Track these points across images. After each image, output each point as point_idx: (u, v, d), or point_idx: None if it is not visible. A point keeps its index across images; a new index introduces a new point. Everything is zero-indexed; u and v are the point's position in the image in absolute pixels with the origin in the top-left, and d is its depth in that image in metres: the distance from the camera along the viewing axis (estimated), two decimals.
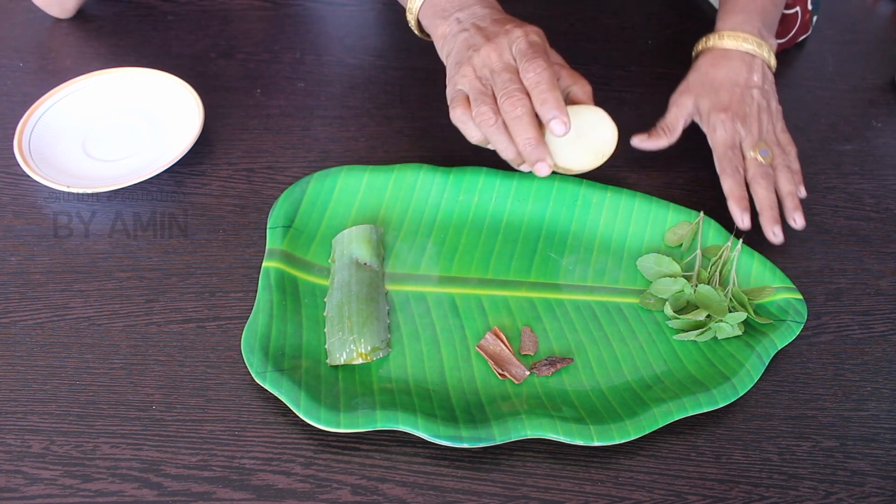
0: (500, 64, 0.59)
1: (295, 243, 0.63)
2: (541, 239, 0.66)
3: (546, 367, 0.57)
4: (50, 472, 0.52)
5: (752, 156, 0.68)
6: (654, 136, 0.72)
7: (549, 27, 0.62)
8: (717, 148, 0.69)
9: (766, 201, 0.66)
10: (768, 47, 0.71)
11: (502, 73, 0.58)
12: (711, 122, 0.70)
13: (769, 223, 0.66)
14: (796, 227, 0.67)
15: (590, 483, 0.53)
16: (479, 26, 0.61)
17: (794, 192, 0.68)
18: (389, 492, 0.52)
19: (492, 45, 0.59)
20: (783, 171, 0.68)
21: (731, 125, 0.69)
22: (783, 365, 0.60)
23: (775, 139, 0.70)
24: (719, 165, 0.69)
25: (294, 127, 0.75)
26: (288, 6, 0.89)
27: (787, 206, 0.67)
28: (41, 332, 0.59)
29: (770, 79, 0.72)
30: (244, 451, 0.53)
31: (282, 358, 0.56)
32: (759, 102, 0.70)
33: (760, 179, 0.67)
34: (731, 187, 0.67)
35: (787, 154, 0.70)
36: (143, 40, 0.83)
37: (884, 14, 0.94)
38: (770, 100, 0.71)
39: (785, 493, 0.53)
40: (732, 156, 0.68)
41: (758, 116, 0.70)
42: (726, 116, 0.69)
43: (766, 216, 0.66)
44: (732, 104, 0.69)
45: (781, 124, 0.72)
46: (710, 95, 0.70)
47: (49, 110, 0.72)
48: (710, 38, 0.73)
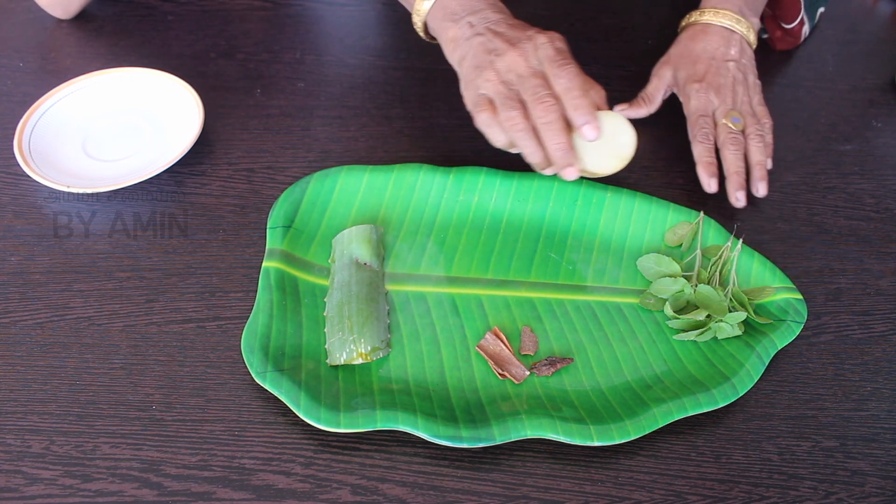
0: (528, 69, 0.59)
1: (295, 243, 0.63)
2: (541, 239, 0.66)
3: (546, 367, 0.57)
4: (50, 472, 0.52)
5: (724, 123, 0.70)
6: (635, 105, 0.75)
7: (549, 27, 0.62)
8: (690, 116, 0.72)
9: (733, 166, 0.69)
10: (748, 24, 0.74)
11: (531, 79, 0.59)
12: (686, 92, 0.73)
13: (734, 188, 0.69)
14: (759, 195, 0.70)
15: (590, 483, 0.53)
16: (495, 31, 0.61)
17: (764, 162, 0.70)
18: (389, 492, 0.52)
19: (517, 50, 0.60)
20: (755, 139, 0.70)
21: (705, 95, 0.71)
22: (783, 365, 0.60)
23: (750, 110, 0.72)
24: (691, 132, 0.72)
25: (294, 127, 0.75)
26: (288, 6, 0.89)
27: (754, 175, 0.70)
28: (41, 332, 0.59)
29: (749, 54, 0.74)
30: (244, 451, 0.53)
31: (282, 358, 0.56)
32: (734, 75, 0.72)
33: (730, 145, 0.70)
34: (700, 153, 0.70)
35: (762, 125, 0.72)
36: (143, 40, 0.83)
37: (884, 14, 0.94)
38: (747, 73, 0.74)
39: (785, 493, 0.53)
40: (704, 123, 0.71)
41: (732, 87, 0.72)
42: (700, 86, 0.72)
43: (731, 181, 0.69)
44: (708, 75, 0.72)
45: (759, 97, 0.74)
46: (687, 67, 0.73)
47: (49, 110, 0.72)
48: (693, 14, 0.76)
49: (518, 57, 0.59)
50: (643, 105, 0.75)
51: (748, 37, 0.74)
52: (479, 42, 0.61)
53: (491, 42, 0.61)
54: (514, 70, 0.59)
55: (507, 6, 0.65)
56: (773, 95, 0.83)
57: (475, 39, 0.62)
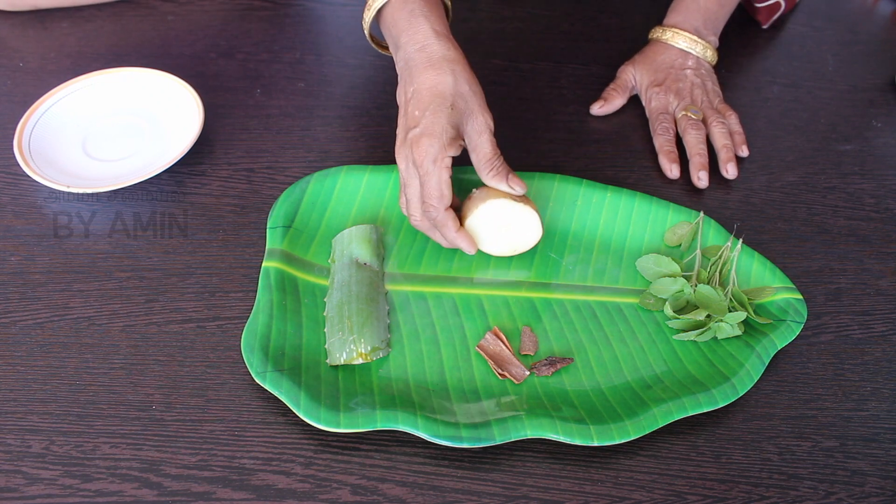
0: (408, 180, 0.60)
1: (295, 243, 0.63)
2: (541, 239, 0.66)
3: (546, 367, 0.57)
4: (50, 472, 0.52)
5: (683, 114, 0.75)
6: (610, 98, 0.79)
7: (549, 27, 0.62)
8: (651, 115, 0.77)
9: (694, 148, 0.73)
10: (704, 44, 0.78)
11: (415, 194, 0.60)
12: (647, 95, 0.78)
13: (696, 168, 0.72)
14: (728, 177, 0.72)
15: (590, 483, 0.53)
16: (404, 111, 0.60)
17: (729, 145, 0.73)
18: (389, 492, 0.52)
19: (398, 156, 0.60)
20: (717, 126, 0.74)
21: (665, 96, 0.77)
22: (783, 365, 0.60)
23: (710, 107, 0.76)
24: (652, 128, 0.76)
25: (294, 127, 0.75)
26: (288, 6, 0.89)
27: (722, 157, 0.73)
28: (41, 332, 0.59)
29: (706, 67, 0.79)
30: (244, 451, 0.53)
31: (282, 358, 0.56)
32: (692, 80, 0.78)
33: (691, 129, 0.74)
34: (660, 143, 0.74)
35: (727, 119, 0.76)
36: (143, 40, 0.83)
37: (884, 14, 0.94)
38: (705, 80, 0.78)
39: (785, 493, 0.53)
40: (663, 119, 0.76)
41: (690, 90, 0.77)
42: (660, 89, 0.77)
43: (693, 162, 0.72)
44: (667, 80, 0.77)
45: (719, 99, 0.78)
46: (649, 74, 0.79)
47: (49, 110, 0.72)
48: (657, 30, 0.81)
49: (406, 165, 0.59)
50: (617, 96, 0.79)
51: (705, 55, 0.79)
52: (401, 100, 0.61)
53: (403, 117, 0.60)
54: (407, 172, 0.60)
55: (507, 8, 0.64)
56: (773, 95, 0.83)
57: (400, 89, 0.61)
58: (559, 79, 0.82)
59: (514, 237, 0.62)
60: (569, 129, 0.77)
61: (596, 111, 0.78)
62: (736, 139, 0.75)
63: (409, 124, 0.59)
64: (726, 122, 0.75)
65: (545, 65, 0.84)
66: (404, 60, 0.61)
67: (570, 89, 0.81)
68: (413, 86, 0.59)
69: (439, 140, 0.57)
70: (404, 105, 0.60)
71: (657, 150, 0.74)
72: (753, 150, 0.76)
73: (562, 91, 0.81)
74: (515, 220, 0.61)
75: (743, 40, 0.89)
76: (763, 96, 0.83)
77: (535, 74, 0.82)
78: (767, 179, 0.74)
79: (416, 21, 0.60)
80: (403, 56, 0.61)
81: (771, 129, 0.79)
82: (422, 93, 0.59)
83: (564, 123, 0.78)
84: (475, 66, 0.62)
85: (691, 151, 0.73)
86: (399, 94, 0.61)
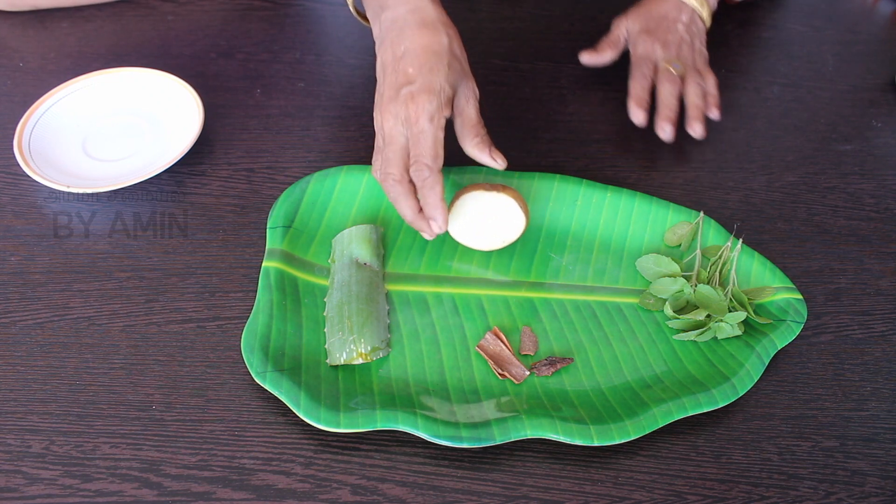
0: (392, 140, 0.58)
1: (295, 243, 0.63)
2: (541, 239, 0.66)
3: (546, 367, 0.57)
4: (50, 472, 0.52)
5: (664, 66, 0.75)
6: (601, 50, 0.80)
7: (549, 27, 0.62)
8: (634, 59, 0.78)
9: (664, 100, 0.74)
10: (699, 1, 0.79)
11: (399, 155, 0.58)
12: (634, 41, 0.79)
13: (662, 119, 0.73)
14: (695, 135, 0.73)
15: (590, 483, 0.53)
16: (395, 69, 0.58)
17: (700, 105, 0.74)
18: (389, 492, 0.52)
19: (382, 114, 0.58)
20: (693, 85, 0.75)
21: (651, 44, 0.77)
22: (783, 365, 0.60)
23: (693, 66, 0.77)
24: (631, 72, 0.77)
25: (294, 127, 0.75)
26: (288, 6, 0.89)
27: (690, 114, 0.74)
28: (41, 332, 0.59)
29: (699, 25, 0.80)
30: (244, 451, 0.53)
31: (282, 358, 0.56)
32: (682, 35, 0.78)
33: (665, 83, 0.74)
34: (634, 89, 0.75)
35: (704, 79, 0.76)
36: (143, 40, 0.83)
37: (884, 14, 0.94)
38: (694, 39, 0.78)
39: (785, 493, 0.53)
40: (644, 65, 0.76)
41: (678, 44, 0.77)
42: (648, 37, 0.77)
43: (660, 113, 0.73)
44: (658, 30, 0.78)
45: (703, 60, 0.78)
46: (640, 22, 0.79)
47: (49, 110, 0.72)
48: None
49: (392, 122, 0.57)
50: (608, 50, 0.80)
51: (701, 12, 0.79)
52: (381, 64, 0.59)
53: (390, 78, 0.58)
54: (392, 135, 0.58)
55: (507, 8, 0.64)
56: (773, 95, 0.83)
57: (382, 52, 0.59)
58: (559, 79, 0.82)
59: (498, 228, 0.62)
60: (569, 129, 0.77)
61: (584, 60, 0.80)
62: (710, 100, 0.75)
63: (401, 81, 0.57)
64: (704, 83, 0.76)
65: (545, 65, 0.84)
66: (391, 20, 0.59)
67: (570, 89, 0.81)
68: (404, 44, 0.58)
69: (437, 98, 0.56)
70: (393, 63, 0.58)
71: (629, 93, 0.75)
72: (753, 150, 0.76)
73: (562, 91, 0.81)
74: (496, 210, 0.61)
75: (743, 40, 0.89)
76: (763, 96, 0.83)
77: (535, 74, 0.83)
78: (767, 179, 0.74)
79: None
80: (391, 16, 0.59)
81: (771, 129, 0.79)
82: (416, 51, 0.57)
83: (564, 123, 0.78)
84: (475, 66, 0.62)
85: (661, 103, 0.74)
86: (384, 52, 0.59)
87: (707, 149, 0.76)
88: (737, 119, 0.80)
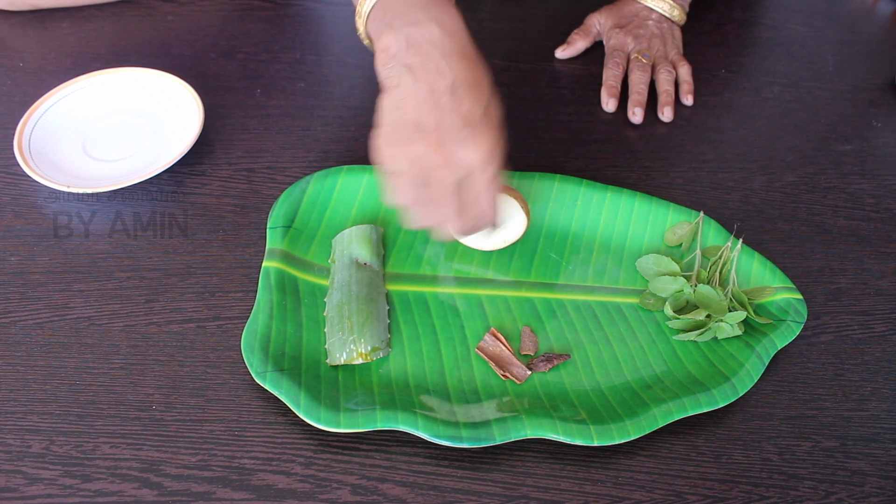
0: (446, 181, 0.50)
1: (295, 243, 0.63)
2: (541, 239, 0.66)
3: (543, 363, 0.57)
4: (50, 472, 0.52)
5: (635, 56, 0.80)
6: (572, 41, 0.84)
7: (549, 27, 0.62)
8: (608, 51, 0.82)
9: (635, 86, 0.78)
10: (671, 4, 0.83)
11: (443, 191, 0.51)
12: (608, 35, 0.84)
13: (632, 104, 0.78)
14: (664, 119, 0.78)
15: (590, 483, 0.53)
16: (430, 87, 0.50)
17: (670, 91, 0.79)
18: (389, 492, 0.52)
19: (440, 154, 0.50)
20: (663, 73, 0.80)
21: (623, 37, 0.82)
22: (783, 365, 0.60)
23: (665, 56, 0.81)
24: (605, 63, 0.81)
25: (294, 127, 0.75)
26: (288, 6, 0.89)
27: (660, 100, 0.79)
28: (41, 332, 0.59)
29: (670, 23, 0.84)
30: (244, 451, 0.53)
31: (282, 358, 0.56)
32: (653, 31, 0.83)
33: (636, 70, 0.79)
34: (606, 77, 0.80)
35: (679, 68, 0.81)
36: (143, 40, 0.83)
37: (884, 14, 0.94)
38: (666, 34, 0.83)
39: (785, 493, 0.53)
40: (616, 55, 0.81)
41: (649, 38, 0.82)
42: (621, 31, 0.83)
43: (632, 98, 0.78)
44: (630, 25, 0.83)
45: (676, 51, 0.83)
46: (614, 19, 0.84)
47: (49, 110, 0.72)
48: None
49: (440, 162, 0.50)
50: (580, 39, 0.84)
51: (671, 15, 0.84)
52: (405, 91, 0.50)
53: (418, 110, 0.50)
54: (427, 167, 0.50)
55: (509, 9, 0.64)
56: (773, 95, 0.83)
57: (404, 77, 0.50)
58: (559, 79, 0.82)
59: (499, 228, 0.62)
60: (569, 129, 0.77)
61: (560, 55, 0.84)
62: (683, 87, 0.80)
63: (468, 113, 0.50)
64: (675, 71, 0.80)
65: (545, 65, 0.84)
66: (427, 39, 0.51)
67: (570, 89, 0.81)
68: (453, 73, 0.50)
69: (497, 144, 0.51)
70: (449, 91, 0.50)
71: (603, 82, 0.80)
72: (753, 150, 0.76)
73: (562, 91, 0.81)
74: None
75: (743, 40, 0.89)
76: (763, 96, 0.83)
77: (535, 74, 0.83)
78: (767, 179, 0.74)
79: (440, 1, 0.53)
80: (423, 33, 0.51)
81: (771, 129, 0.79)
82: (470, 83, 0.51)
83: (564, 123, 0.78)
84: None
85: (631, 89, 0.78)
86: (428, 75, 0.50)
87: (707, 149, 0.76)
88: (737, 119, 0.80)
